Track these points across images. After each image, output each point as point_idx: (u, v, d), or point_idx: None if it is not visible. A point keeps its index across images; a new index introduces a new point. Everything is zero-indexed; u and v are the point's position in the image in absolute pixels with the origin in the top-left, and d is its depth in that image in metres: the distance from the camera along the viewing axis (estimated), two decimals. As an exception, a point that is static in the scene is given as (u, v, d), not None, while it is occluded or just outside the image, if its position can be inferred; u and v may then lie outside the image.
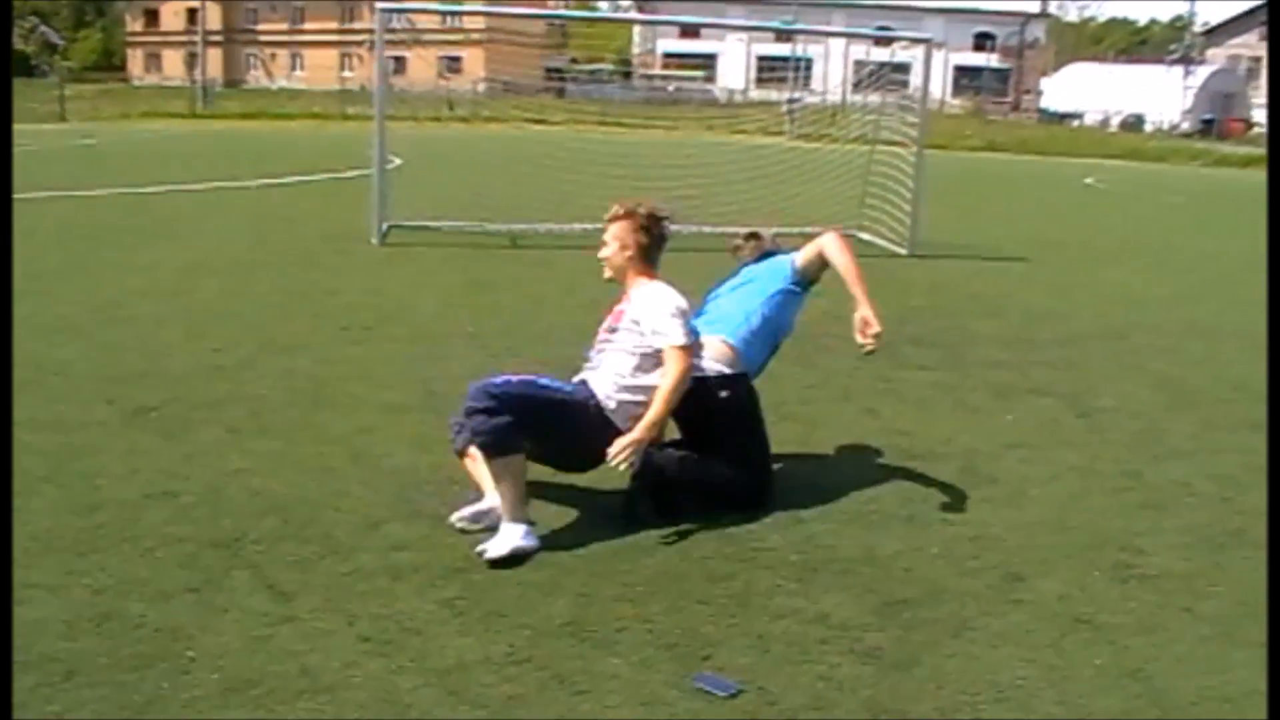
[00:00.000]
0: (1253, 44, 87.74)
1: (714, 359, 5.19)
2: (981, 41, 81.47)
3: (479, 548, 4.37)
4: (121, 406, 6.20)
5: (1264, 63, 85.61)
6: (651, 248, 5.27)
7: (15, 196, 12.99)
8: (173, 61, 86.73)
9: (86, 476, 5.09)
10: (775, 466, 5.32)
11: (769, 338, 5.50)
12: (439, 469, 5.27)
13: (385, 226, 13.15)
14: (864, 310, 5.27)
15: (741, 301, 5.57)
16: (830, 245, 5.48)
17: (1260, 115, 75.05)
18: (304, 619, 3.83)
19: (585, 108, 33.42)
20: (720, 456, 5.08)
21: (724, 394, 5.13)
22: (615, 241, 5.22)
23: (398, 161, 15.15)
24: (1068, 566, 4.60)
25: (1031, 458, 6.04)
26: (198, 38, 65.11)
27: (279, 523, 4.65)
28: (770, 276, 5.65)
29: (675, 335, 4.84)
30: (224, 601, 3.94)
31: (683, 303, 5.02)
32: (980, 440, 6.28)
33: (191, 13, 76.25)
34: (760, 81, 69.79)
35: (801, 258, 5.59)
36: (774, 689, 3.52)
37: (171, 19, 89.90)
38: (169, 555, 4.29)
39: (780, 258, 5.80)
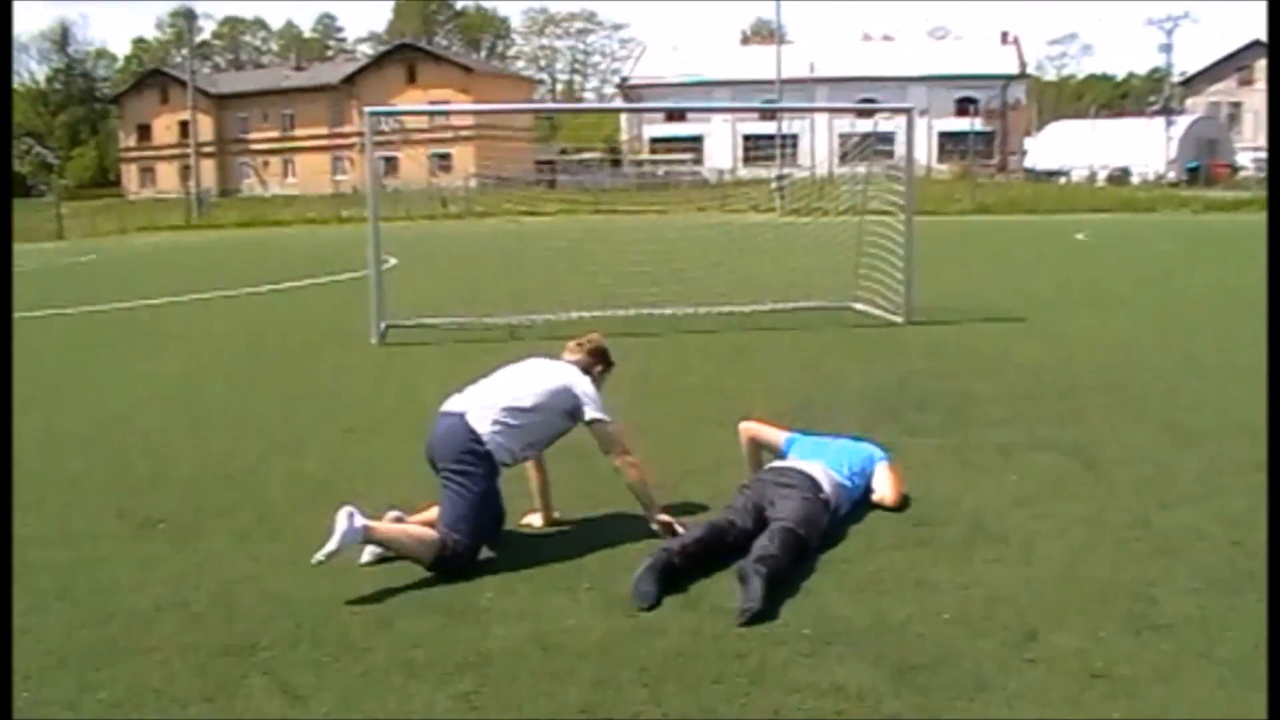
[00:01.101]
0: (1231, 89, 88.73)
1: (823, 475, 5.85)
2: (964, 106, 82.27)
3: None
4: (130, 517, 6.22)
5: (1244, 107, 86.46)
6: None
7: (16, 315, 13.08)
8: (167, 174, 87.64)
9: (98, 589, 5.11)
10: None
11: (850, 490, 6.05)
12: (449, 562, 5.30)
13: (384, 325, 13.24)
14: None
15: (851, 457, 6.23)
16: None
17: (1244, 159, 75.64)
18: (320, 720, 3.84)
19: (577, 197, 33.75)
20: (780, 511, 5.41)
21: (824, 496, 5.70)
22: None
23: (393, 261, 15.30)
24: (1081, 620, 4.60)
25: (1039, 513, 6.05)
26: (190, 150, 65.85)
27: (292, 625, 4.66)
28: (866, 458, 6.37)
29: (602, 413, 5.92)
30: (240, 708, 3.95)
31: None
32: (986, 499, 6.29)
33: (183, 125, 77.13)
34: (748, 160, 70.45)
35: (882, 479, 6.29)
36: (794, 762, 3.51)
37: (164, 133, 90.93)
38: (183, 664, 4.30)
39: (872, 453, 6.46)
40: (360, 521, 5.11)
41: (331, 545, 5.00)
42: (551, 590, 5.00)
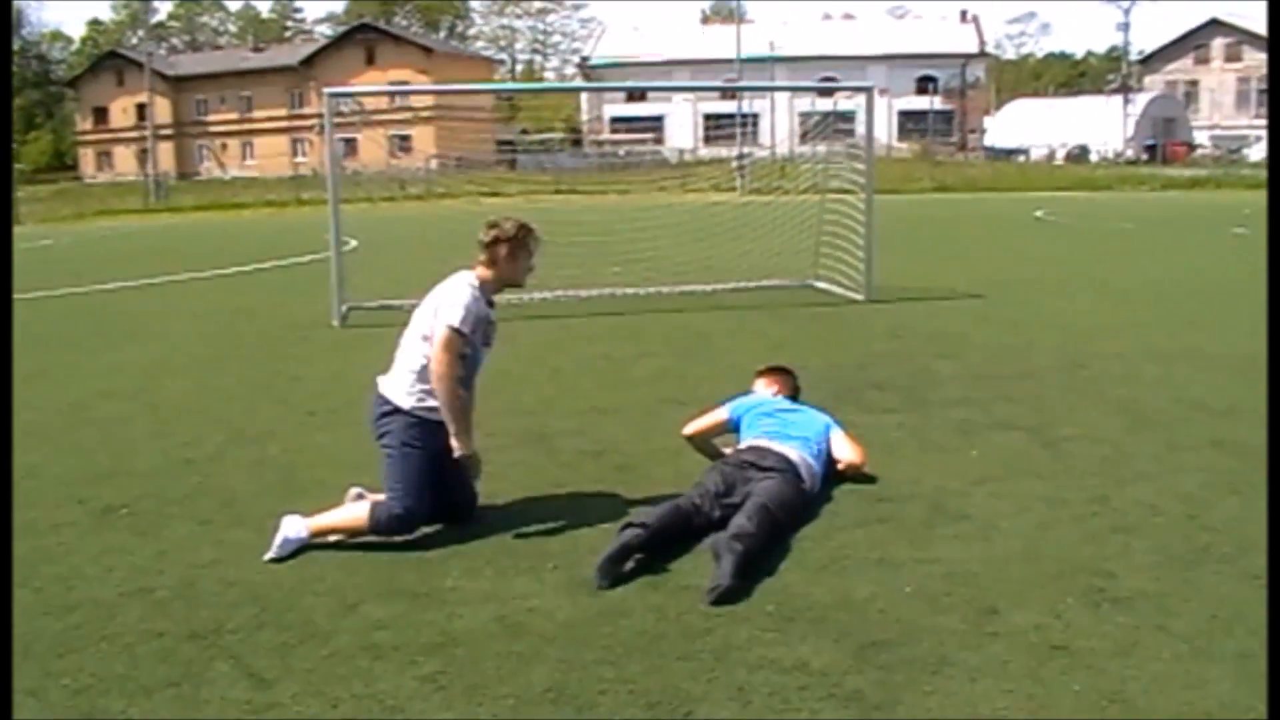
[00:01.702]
0: (1188, 68, 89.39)
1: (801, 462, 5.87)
2: (924, 85, 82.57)
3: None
4: (92, 507, 6.19)
5: (1200, 86, 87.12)
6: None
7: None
8: (124, 158, 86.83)
9: (61, 578, 5.09)
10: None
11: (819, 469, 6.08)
12: (415, 546, 5.32)
13: (345, 309, 13.19)
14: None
15: (813, 432, 6.26)
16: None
17: (1201, 137, 76.26)
18: (286, 704, 3.85)
19: (538, 178, 33.68)
20: (761, 504, 5.36)
21: (805, 485, 5.78)
22: None
23: (354, 243, 15.23)
24: (1041, 596, 4.66)
25: (999, 491, 6.11)
26: (148, 133, 65.26)
27: (256, 611, 4.66)
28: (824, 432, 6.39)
29: (454, 319, 5.38)
30: (206, 694, 3.95)
31: (476, 296, 5.54)
32: (947, 478, 6.35)
33: (140, 108, 76.44)
34: (709, 140, 70.60)
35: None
36: (758, 739, 3.55)
37: (121, 116, 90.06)
38: (148, 651, 4.29)
39: (826, 422, 6.51)
40: (301, 531, 5.36)
41: (271, 554, 5.26)
42: (516, 572, 5.02)
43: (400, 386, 5.50)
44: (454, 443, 5.36)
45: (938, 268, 17.41)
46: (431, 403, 5.40)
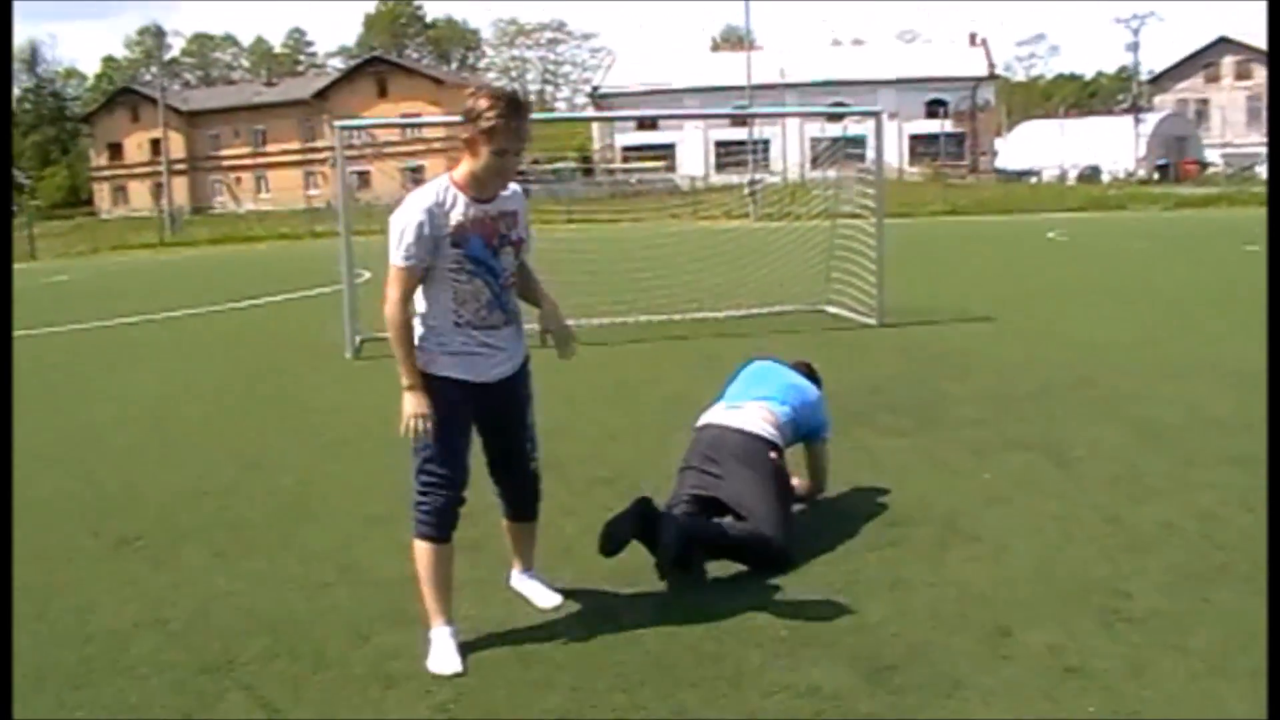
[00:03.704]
0: (1199, 86, 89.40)
1: (763, 420, 5.68)
2: (934, 108, 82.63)
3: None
4: (105, 537, 6.21)
5: (1211, 104, 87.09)
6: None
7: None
8: (139, 192, 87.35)
9: (75, 610, 5.10)
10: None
11: (795, 428, 5.94)
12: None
13: (358, 340, 13.22)
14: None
15: (784, 386, 6.11)
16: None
17: (1212, 155, 76.14)
18: (298, 734, 3.85)
19: (551, 206, 33.73)
20: (753, 506, 5.34)
21: (773, 455, 5.57)
22: None
23: (367, 275, 15.25)
24: (1055, 616, 4.64)
25: (1012, 512, 6.09)
26: (162, 167, 65.64)
27: (269, 641, 4.66)
28: (818, 400, 6.28)
29: (391, 253, 4.36)
30: (219, 724, 3.95)
31: (420, 210, 4.31)
32: (960, 499, 6.33)
33: (155, 143, 76.95)
34: (720, 166, 70.69)
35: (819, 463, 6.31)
36: (770, 763, 3.54)
37: (135, 151, 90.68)
38: (161, 682, 4.30)
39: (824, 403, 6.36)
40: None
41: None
42: (528, 600, 5.01)
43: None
44: (404, 389, 4.44)
45: (950, 290, 17.39)
46: (424, 357, 4.47)
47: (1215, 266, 19.76)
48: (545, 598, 4.93)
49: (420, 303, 4.44)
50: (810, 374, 6.56)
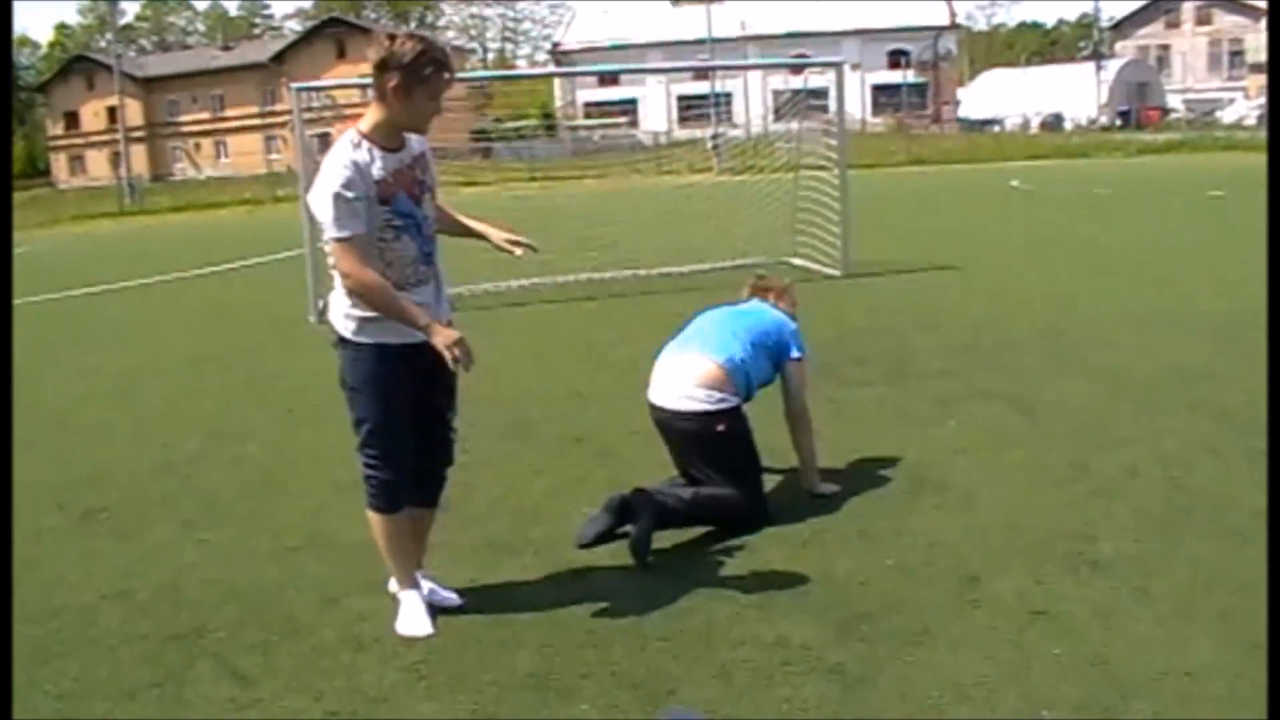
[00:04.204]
0: (1159, 33, 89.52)
1: (704, 385, 5.35)
2: (896, 59, 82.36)
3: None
4: (72, 512, 6.17)
5: (1172, 50, 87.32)
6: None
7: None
8: (97, 162, 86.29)
9: (42, 585, 5.07)
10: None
11: (761, 362, 5.61)
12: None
13: (322, 304, 13.11)
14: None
15: (733, 325, 5.71)
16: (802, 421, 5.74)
17: (1174, 101, 76.34)
18: (269, 701, 3.85)
19: (514, 166, 33.52)
20: (720, 480, 5.29)
21: (721, 428, 5.33)
22: None
23: (329, 238, 15.14)
24: (1022, 563, 4.68)
25: (979, 461, 6.13)
26: (120, 135, 64.88)
27: (238, 609, 4.65)
28: (776, 325, 5.84)
29: (328, 228, 4.06)
30: (189, 694, 3.95)
31: (345, 175, 4.03)
32: (927, 450, 6.36)
33: (111, 111, 75.94)
34: (683, 121, 70.29)
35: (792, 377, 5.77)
36: (741, 717, 3.56)
37: (92, 120, 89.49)
38: (130, 654, 4.28)
39: (789, 325, 5.93)
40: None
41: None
42: (498, 561, 5.03)
43: (338, 309, 4.30)
44: (426, 336, 4.07)
45: (914, 240, 17.41)
46: (353, 325, 4.23)
47: (1179, 213, 19.85)
48: (444, 597, 4.57)
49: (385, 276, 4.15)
50: (781, 294, 6.22)
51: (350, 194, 4.00)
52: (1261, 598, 4.14)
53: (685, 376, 5.42)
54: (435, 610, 4.42)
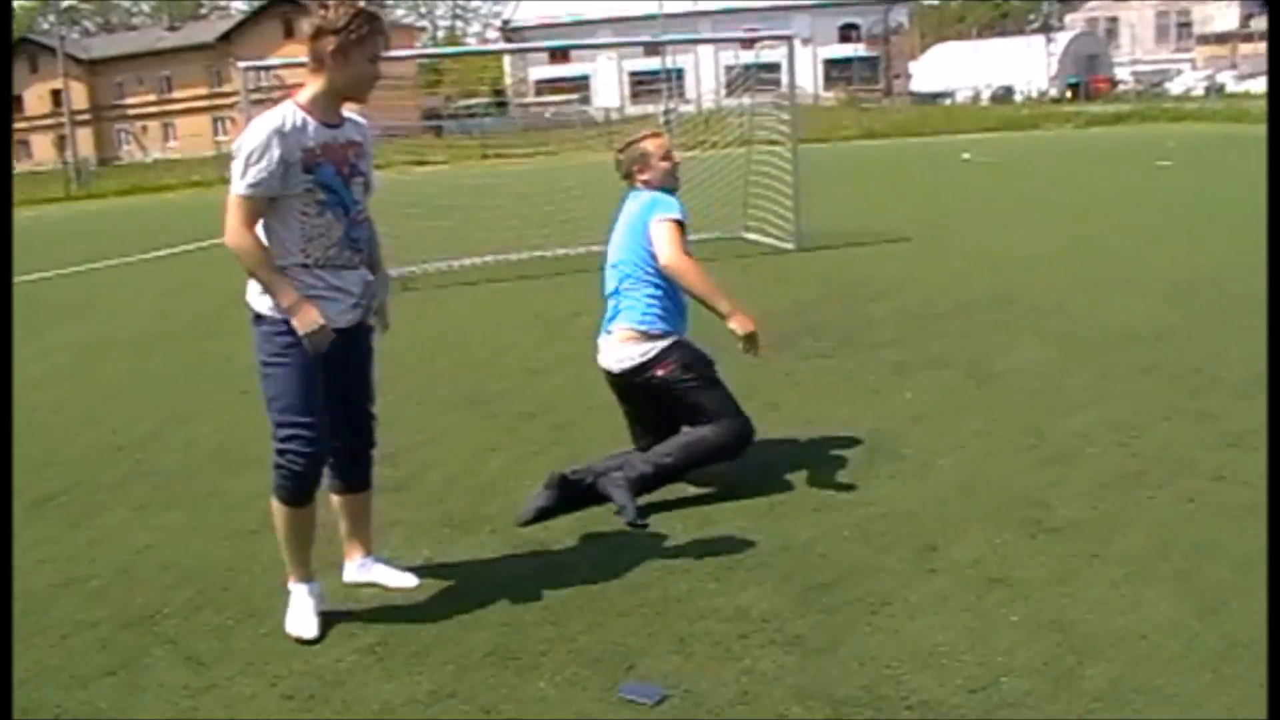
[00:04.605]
0: (1108, 5, 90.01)
1: (627, 351, 5.37)
2: (848, 32, 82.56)
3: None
4: (24, 498, 6.06)
5: (1121, 22, 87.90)
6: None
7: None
8: (42, 146, 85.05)
9: (-9, 573, 4.99)
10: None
11: (653, 290, 5.45)
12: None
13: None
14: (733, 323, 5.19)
15: (623, 259, 5.61)
16: (682, 276, 5.38)
17: (1122, 73, 76.83)
18: (225, 686, 3.80)
19: (465, 143, 33.33)
20: (687, 422, 5.32)
21: (659, 373, 5.30)
22: None
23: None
24: (979, 530, 4.70)
25: (935, 429, 6.15)
26: (65, 119, 64.03)
27: (193, 593, 4.60)
28: (643, 224, 5.63)
29: (234, 182, 4.03)
30: (144, 680, 3.89)
31: (265, 134, 3.95)
32: (883, 419, 6.37)
33: (56, 94, 74.89)
34: (635, 97, 70.22)
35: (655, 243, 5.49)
36: (700, 689, 3.56)
37: (36, 103, 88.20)
38: (83, 641, 4.23)
39: (650, 206, 5.69)
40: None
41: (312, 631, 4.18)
42: (454, 538, 5.00)
43: (254, 286, 4.19)
44: (287, 312, 4.02)
45: (867, 213, 17.44)
46: (268, 302, 4.12)
47: (1127, 183, 20.00)
48: (400, 579, 4.51)
49: (264, 243, 4.08)
50: (644, 166, 5.96)
51: (268, 152, 3.91)
52: (1214, 559, 4.19)
53: (613, 344, 5.46)
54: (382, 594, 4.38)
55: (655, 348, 5.34)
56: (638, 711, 3.46)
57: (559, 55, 78.87)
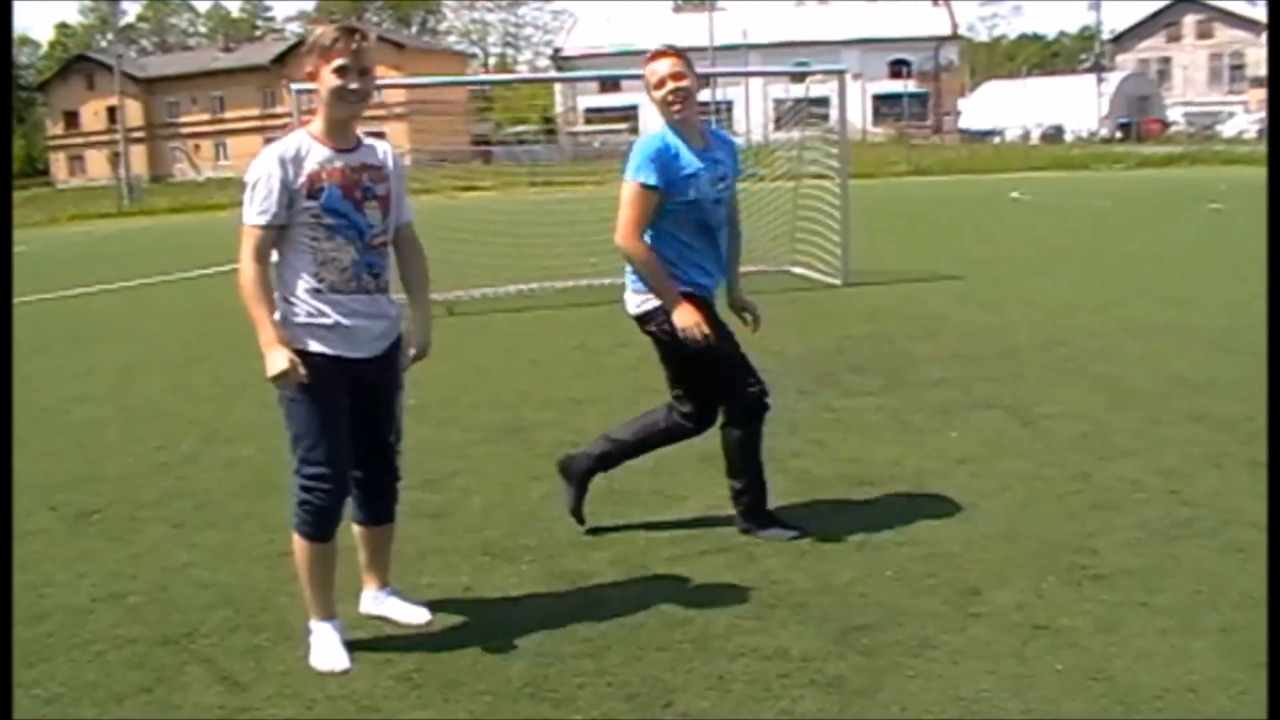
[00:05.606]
0: (1160, 46, 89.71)
1: (629, 300, 5.40)
2: (898, 68, 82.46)
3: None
4: (64, 513, 6.10)
5: (1173, 63, 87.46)
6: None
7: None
8: (96, 162, 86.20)
9: (32, 586, 5.00)
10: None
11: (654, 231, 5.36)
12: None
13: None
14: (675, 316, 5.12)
15: None
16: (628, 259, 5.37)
17: (1174, 114, 76.43)
18: (259, 708, 3.79)
19: (514, 170, 33.52)
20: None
21: (651, 328, 5.27)
22: None
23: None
24: (1023, 575, 4.63)
25: (980, 471, 6.08)
26: (119, 136, 64.83)
27: (230, 613, 4.59)
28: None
29: (244, 213, 4.00)
30: (178, 699, 3.89)
31: (269, 164, 3.95)
32: (927, 460, 6.31)
33: (111, 111, 75.89)
34: (684, 128, 70.36)
35: None
36: (738, 728, 3.51)
37: (92, 119, 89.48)
38: (119, 658, 4.22)
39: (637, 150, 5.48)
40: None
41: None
42: (493, 567, 4.97)
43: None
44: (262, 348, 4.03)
45: (915, 250, 17.38)
46: (288, 333, 4.08)
47: (1178, 226, 19.82)
48: (413, 614, 4.43)
49: (279, 274, 4.06)
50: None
51: (271, 180, 3.90)
52: (1264, 612, 4.10)
53: (627, 291, 5.42)
54: (434, 609, 4.37)
55: (649, 303, 5.22)
56: (674, 750, 3.42)
57: (609, 85, 79.25)
